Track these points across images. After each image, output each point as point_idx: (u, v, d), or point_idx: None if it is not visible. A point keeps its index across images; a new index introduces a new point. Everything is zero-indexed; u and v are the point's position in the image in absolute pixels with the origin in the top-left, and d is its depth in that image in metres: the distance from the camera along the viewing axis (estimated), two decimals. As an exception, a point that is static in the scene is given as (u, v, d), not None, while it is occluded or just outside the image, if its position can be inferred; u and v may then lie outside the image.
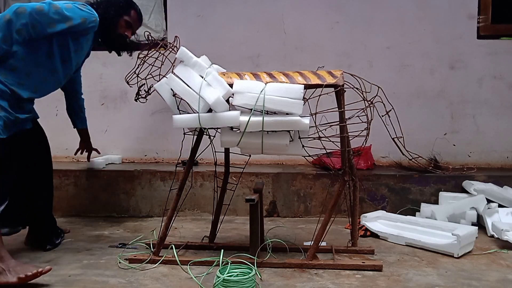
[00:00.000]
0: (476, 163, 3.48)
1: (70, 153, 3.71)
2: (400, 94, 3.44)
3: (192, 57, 2.17)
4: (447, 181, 3.10)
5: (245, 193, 3.11)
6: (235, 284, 1.79)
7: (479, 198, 2.82)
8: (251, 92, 2.06)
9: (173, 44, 2.35)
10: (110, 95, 3.73)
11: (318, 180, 3.16)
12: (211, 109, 2.10)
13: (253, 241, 2.16)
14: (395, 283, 1.99)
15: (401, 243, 2.52)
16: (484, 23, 3.51)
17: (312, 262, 2.15)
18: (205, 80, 2.12)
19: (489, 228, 2.65)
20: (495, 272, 2.11)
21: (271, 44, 3.60)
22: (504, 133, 3.51)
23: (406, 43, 3.54)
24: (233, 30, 3.62)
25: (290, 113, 2.05)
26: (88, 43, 2.44)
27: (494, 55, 3.49)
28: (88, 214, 3.20)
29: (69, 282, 2.01)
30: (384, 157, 3.55)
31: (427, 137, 3.47)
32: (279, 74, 2.17)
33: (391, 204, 3.12)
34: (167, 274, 2.08)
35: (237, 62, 3.49)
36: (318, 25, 3.58)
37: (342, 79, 2.14)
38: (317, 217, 2.74)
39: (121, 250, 2.42)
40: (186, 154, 2.32)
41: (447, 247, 2.33)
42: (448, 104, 3.53)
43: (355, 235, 2.37)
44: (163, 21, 3.77)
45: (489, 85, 3.51)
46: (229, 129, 2.13)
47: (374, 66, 3.55)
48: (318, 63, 2.58)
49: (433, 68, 3.53)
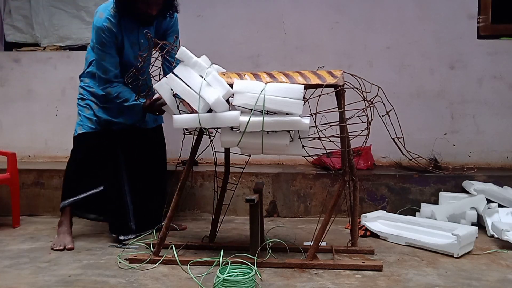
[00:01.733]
0: (476, 163, 3.47)
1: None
2: (400, 94, 3.44)
3: (192, 57, 2.17)
4: (447, 181, 3.10)
5: (245, 193, 3.11)
6: (235, 284, 1.79)
7: (479, 198, 2.82)
8: (251, 92, 2.06)
9: (173, 44, 2.35)
10: (110, 95, 3.72)
11: (318, 180, 3.16)
12: (211, 109, 2.09)
13: (253, 241, 2.15)
14: (395, 283, 1.99)
15: (401, 243, 2.52)
16: (484, 23, 3.51)
17: (312, 262, 2.15)
18: (205, 80, 2.12)
19: (489, 228, 2.65)
20: (495, 272, 2.11)
21: (271, 44, 3.60)
22: (504, 133, 3.51)
23: (406, 43, 3.54)
24: (233, 30, 3.61)
25: (290, 113, 2.05)
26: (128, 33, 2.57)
27: (494, 55, 3.49)
28: (88, 214, 3.19)
29: (69, 282, 2.01)
30: (384, 157, 3.54)
31: (427, 137, 3.47)
32: (279, 74, 2.17)
33: (391, 204, 3.12)
34: (167, 274, 2.08)
35: (237, 62, 3.49)
36: (318, 25, 3.58)
37: (342, 79, 2.14)
38: (317, 217, 2.73)
39: (121, 250, 2.41)
40: (186, 154, 2.32)
41: (447, 247, 2.33)
42: (448, 104, 3.53)
43: (355, 235, 2.37)
44: (163, 21, 3.77)
45: (489, 85, 3.51)
46: (229, 129, 2.13)
47: (374, 66, 3.55)
48: (318, 63, 2.57)
49: (433, 68, 3.53)
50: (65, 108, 3.70)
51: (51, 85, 3.73)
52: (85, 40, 3.83)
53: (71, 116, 3.66)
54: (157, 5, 2.45)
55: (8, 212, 2.99)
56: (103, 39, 2.45)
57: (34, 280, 2.03)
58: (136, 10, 2.43)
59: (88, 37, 3.81)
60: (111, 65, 2.51)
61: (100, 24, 2.45)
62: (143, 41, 2.57)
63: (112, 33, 2.47)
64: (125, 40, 2.54)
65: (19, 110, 3.76)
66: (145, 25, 2.52)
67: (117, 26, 2.49)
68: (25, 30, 3.87)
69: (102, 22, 2.45)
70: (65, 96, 3.72)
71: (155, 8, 2.44)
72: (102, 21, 2.45)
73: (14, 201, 2.92)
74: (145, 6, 2.42)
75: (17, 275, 2.09)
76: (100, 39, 2.46)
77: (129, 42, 2.57)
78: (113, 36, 2.48)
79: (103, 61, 2.49)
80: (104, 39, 2.45)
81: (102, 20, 2.46)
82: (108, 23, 2.45)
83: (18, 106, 3.77)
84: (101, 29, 2.45)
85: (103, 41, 2.46)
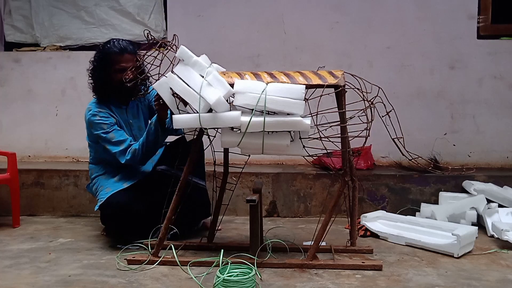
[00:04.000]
0: (476, 163, 3.48)
1: (70, 153, 3.73)
2: (400, 94, 3.44)
3: (192, 56, 2.16)
4: (447, 181, 3.10)
5: (245, 193, 3.11)
6: (235, 284, 1.79)
7: (479, 198, 2.82)
8: (252, 92, 2.05)
9: (172, 43, 2.34)
10: (110, 95, 3.72)
11: (318, 180, 3.15)
12: (211, 109, 2.09)
13: (253, 241, 2.15)
14: (395, 283, 1.99)
15: (401, 243, 2.52)
16: (484, 23, 3.51)
17: (312, 262, 2.15)
18: (206, 79, 2.11)
19: (489, 228, 2.65)
20: (495, 272, 2.11)
21: (271, 44, 3.60)
22: (504, 133, 3.51)
23: (406, 43, 3.54)
24: (233, 30, 3.62)
25: (291, 113, 2.04)
26: (123, 110, 2.61)
27: (494, 55, 3.49)
28: (88, 214, 3.19)
29: (69, 282, 2.01)
30: (384, 157, 3.54)
31: (427, 137, 3.47)
32: (280, 74, 2.16)
33: (391, 204, 3.12)
34: (167, 274, 2.08)
35: (237, 62, 3.49)
36: (318, 25, 3.58)
37: (343, 80, 2.14)
38: (317, 217, 2.73)
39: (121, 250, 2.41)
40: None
41: (447, 247, 2.33)
42: (448, 104, 3.53)
43: (354, 234, 2.38)
44: (163, 21, 3.78)
45: (489, 85, 3.51)
46: (230, 129, 2.12)
47: (374, 66, 3.55)
48: (318, 63, 2.57)
49: (433, 68, 3.53)
50: (65, 108, 3.70)
51: (51, 85, 3.73)
52: (85, 40, 3.84)
53: (71, 116, 3.68)
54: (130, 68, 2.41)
55: (8, 212, 2.99)
56: (101, 122, 2.48)
57: (34, 280, 2.03)
58: (113, 82, 2.47)
59: (88, 37, 3.85)
60: (121, 135, 2.49)
61: (92, 112, 2.50)
62: (132, 120, 2.63)
63: (106, 113, 2.51)
64: (119, 120, 2.57)
65: (19, 110, 3.76)
66: (128, 99, 2.57)
67: (107, 108, 2.54)
68: (25, 30, 3.87)
69: (92, 110, 2.51)
70: (65, 96, 3.72)
71: (129, 72, 2.39)
72: (92, 110, 2.51)
73: (14, 201, 2.92)
74: (119, 72, 2.44)
75: (17, 275, 2.09)
76: (98, 124, 2.48)
77: (123, 122, 2.60)
78: (108, 114, 2.52)
79: (113, 139, 2.47)
80: (102, 120, 2.48)
81: (91, 110, 2.51)
82: (98, 108, 2.52)
83: (18, 106, 3.77)
84: (94, 115, 2.49)
85: (101, 123, 2.48)
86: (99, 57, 2.53)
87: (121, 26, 3.80)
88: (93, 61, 2.56)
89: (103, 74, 2.50)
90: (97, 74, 2.53)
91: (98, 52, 2.55)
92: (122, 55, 2.46)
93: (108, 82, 2.50)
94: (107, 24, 3.81)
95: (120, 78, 2.42)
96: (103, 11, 3.81)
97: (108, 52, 2.48)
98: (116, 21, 3.81)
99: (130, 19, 3.80)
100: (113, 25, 3.81)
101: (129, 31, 3.78)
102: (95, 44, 3.83)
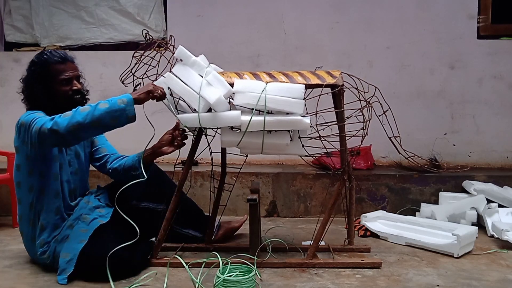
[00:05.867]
0: (476, 163, 3.48)
1: (70, 153, 3.72)
2: (400, 94, 3.44)
3: (191, 56, 2.15)
4: (447, 181, 3.10)
5: (245, 193, 3.11)
6: (235, 284, 1.79)
7: (479, 198, 2.82)
8: (252, 91, 2.05)
9: (169, 43, 2.33)
10: (110, 95, 3.65)
11: (318, 180, 3.16)
12: (211, 108, 2.09)
13: (253, 241, 2.15)
14: (395, 283, 1.99)
15: (401, 243, 2.52)
16: (484, 23, 3.51)
17: (312, 261, 2.15)
18: (206, 79, 2.11)
19: (489, 228, 2.65)
20: (495, 272, 2.11)
21: (271, 44, 3.60)
22: (504, 133, 3.51)
23: (406, 43, 3.54)
24: (233, 30, 3.62)
25: (291, 112, 2.05)
26: None
27: (494, 55, 3.49)
28: (88, 214, 3.19)
29: (69, 282, 2.01)
30: (384, 157, 3.55)
31: (427, 137, 3.47)
32: (278, 74, 2.16)
33: (391, 204, 3.12)
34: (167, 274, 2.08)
35: (237, 62, 3.49)
36: (318, 25, 3.58)
37: (341, 79, 2.14)
38: (317, 217, 2.73)
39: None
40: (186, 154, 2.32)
41: (447, 247, 2.33)
42: (448, 104, 3.54)
43: (351, 233, 2.39)
44: (163, 21, 3.78)
45: (489, 85, 3.51)
46: (229, 129, 2.13)
47: (374, 66, 3.55)
48: (318, 63, 2.57)
49: (433, 68, 3.53)
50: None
51: (51, 85, 3.73)
52: (85, 40, 3.84)
53: (71, 116, 3.67)
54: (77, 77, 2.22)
55: (8, 212, 2.99)
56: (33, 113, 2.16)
57: (34, 280, 2.03)
58: (57, 96, 2.18)
59: (88, 37, 3.85)
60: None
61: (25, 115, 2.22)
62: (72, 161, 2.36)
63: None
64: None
65: (19, 110, 3.73)
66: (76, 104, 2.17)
67: None
68: (25, 30, 3.88)
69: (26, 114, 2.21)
70: (65, 96, 3.72)
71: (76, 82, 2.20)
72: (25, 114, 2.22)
73: (14, 201, 2.92)
74: (65, 83, 2.17)
75: (17, 275, 2.09)
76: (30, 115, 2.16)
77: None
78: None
79: (41, 115, 2.11)
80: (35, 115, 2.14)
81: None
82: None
83: (18, 106, 3.73)
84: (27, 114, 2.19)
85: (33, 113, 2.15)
86: (36, 70, 2.15)
87: (121, 26, 3.80)
88: (27, 78, 2.20)
89: (44, 89, 2.15)
90: (36, 90, 2.17)
91: (33, 65, 2.17)
92: (65, 64, 2.17)
93: (51, 97, 2.16)
94: (107, 24, 3.81)
95: (66, 90, 2.16)
96: (103, 11, 3.81)
97: (49, 63, 2.14)
98: (116, 21, 3.81)
99: (130, 19, 3.80)
100: (113, 25, 3.81)
101: (129, 31, 3.78)
102: (95, 44, 3.84)
